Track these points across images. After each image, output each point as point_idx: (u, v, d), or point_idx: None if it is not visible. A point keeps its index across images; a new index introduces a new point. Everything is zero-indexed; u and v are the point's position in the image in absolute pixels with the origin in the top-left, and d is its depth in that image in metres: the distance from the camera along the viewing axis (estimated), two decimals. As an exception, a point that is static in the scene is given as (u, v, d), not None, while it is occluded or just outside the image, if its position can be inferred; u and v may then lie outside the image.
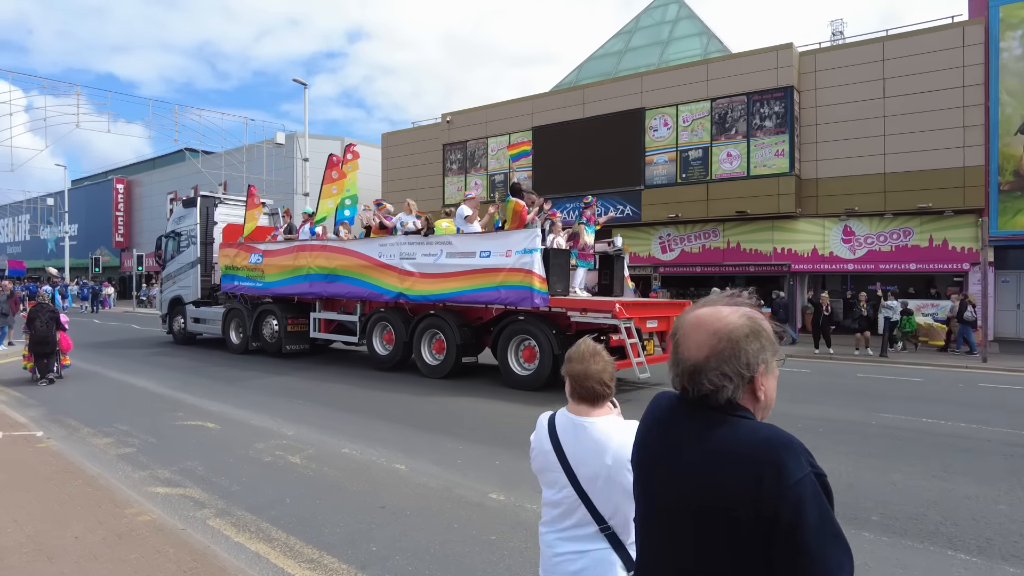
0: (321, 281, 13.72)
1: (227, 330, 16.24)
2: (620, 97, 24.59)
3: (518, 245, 10.42)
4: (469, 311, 11.80)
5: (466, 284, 11.06)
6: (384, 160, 33.56)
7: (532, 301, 10.17)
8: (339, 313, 14.22)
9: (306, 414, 8.66)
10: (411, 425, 8.00)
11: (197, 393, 10.15)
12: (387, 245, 12.49)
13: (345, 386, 11.01)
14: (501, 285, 10.54)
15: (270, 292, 15.19)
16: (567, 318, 10.38)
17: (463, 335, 11.30)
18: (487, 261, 10.81)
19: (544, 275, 10.19)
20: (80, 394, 10.30)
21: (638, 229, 24.75)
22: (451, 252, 11.45)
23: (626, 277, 12.68)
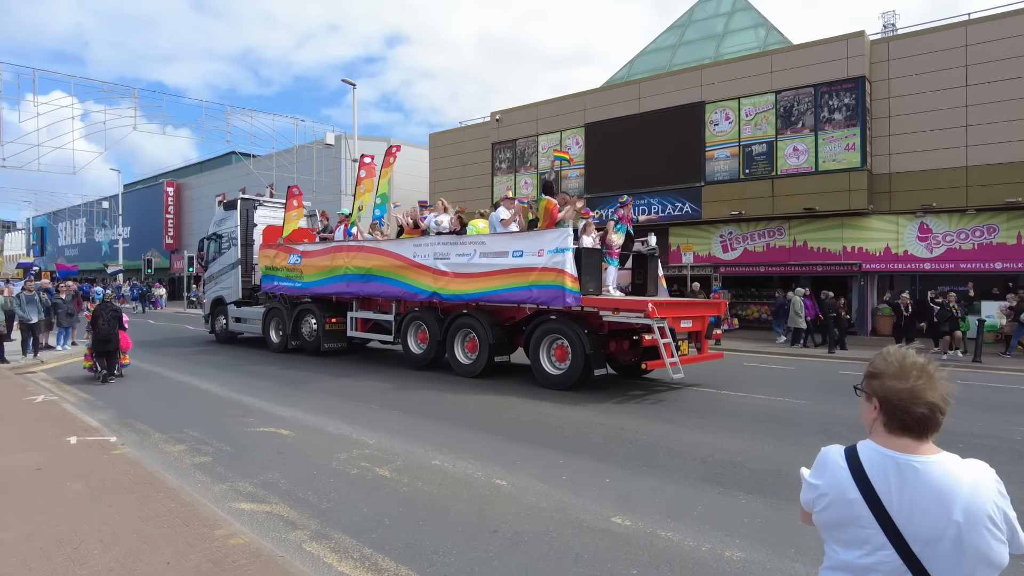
0: (357, 281, 13.82)
1: (267, 329, 16.46)
2: (678, 91, 23.73)
3: (550, 244, 10.30)
4: (502, 310, 11.75)
5: (499, 283, 11.00)
6: (431, 160, 33.26)
7: (564, 300, 10.02)
8: (375, 312, 14.28)
9: (384, 420, 8.17)
10: (500, 434, 7.42)
11: (263, 397, 9.77)
12: (421, 245, 12.54)
13: (416, 390, 10.51)
14: (533, 284, 10.46)
15: (308, 292, 15.33)
16: (599, 318, 10.23)
17: (496, 334, 11.26)
18: (520, 260, 10.72)
19: (576, 274, 10.05)
20: (147, 396, 10.02)
21: (698, 227, 23.86)
22: (484, 252, 11.39)
23: (660, 276, 12.44)
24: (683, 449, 6.70)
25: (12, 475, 5.64)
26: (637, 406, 9.10)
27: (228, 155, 58.22)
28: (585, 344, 9.90)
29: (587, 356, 9.89)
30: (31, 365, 13.67)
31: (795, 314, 17.34)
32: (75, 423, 7.66)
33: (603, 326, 10.38)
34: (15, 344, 14.72)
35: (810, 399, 9.79)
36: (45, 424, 7.59)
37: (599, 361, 10.20)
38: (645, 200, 24.30)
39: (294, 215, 16.80)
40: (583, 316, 10.48)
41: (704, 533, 4.52)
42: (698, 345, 11.18)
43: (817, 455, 1.81)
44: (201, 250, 19.39)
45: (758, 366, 14.35)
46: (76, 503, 4.96)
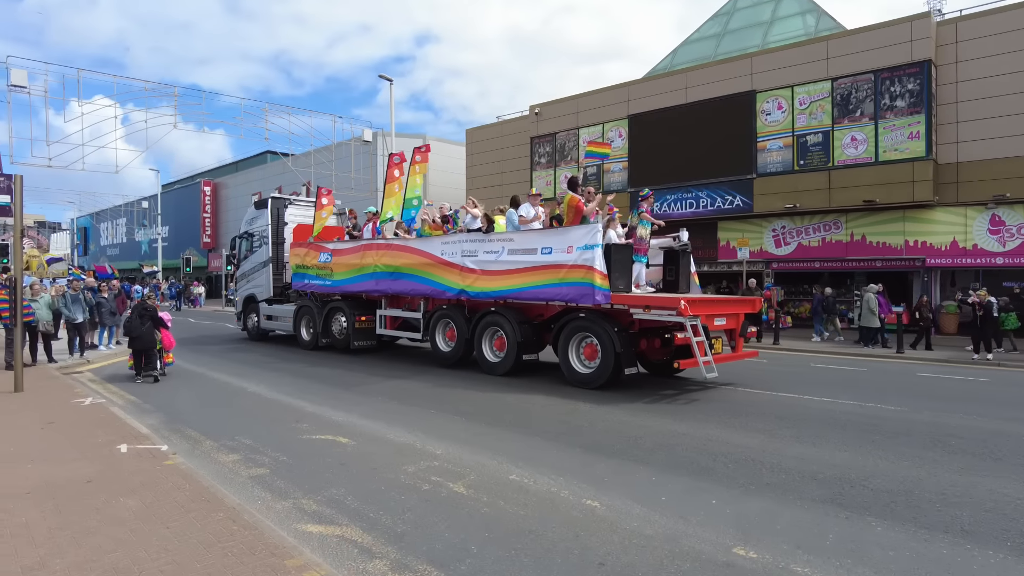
0: (387, 279, 13.79)
1: (298, 327, 16.49)
2: (727, 80, 22.82)
3: (579, 241, 10.08)
4: (529, 308, 11.59)
5: (527, 281, 10.83)
6: (468, 156, 32.79)
7: (593, 298, 9.79)
8: (404, 310, 14.23)
9: (446, 427, 7.63)
10: (577, 445, 6.81)
11: (315, 400, 9.31)
12: (449, 243, 12.47)
13: (472, 392, 9.97)
14: (562, 282, 10.25)
15: (338, 290, 15.36)
16: (629, 315, 10.01)
17: (523, 332, 11.13)
18: (548, 258, 10.54)
19: (606, 271, 9.82)
20: (194, 399, 9.65)
21: (748, 221, 22.95)
22: (512, 249, 11.21)
23: (693, 273, 12.04)
24: (787, 464, 6.02)
25: (63, 489, 5.22)
26: (721, 414, 8.41)
27: (263, 154, 58.62)
28: (615, 342, 9.64)
29: (617, 355, 9.65)
30: (78, 365, 13.48)
31: (869, 312, 16.37)
32: (124, 429, 7.27)
33: (633, 324, 10.11)
34: (62, 343, 14.59)
35: (905, 405, 8.99)
36: (94, 430, 7.22)
37: (630, 360, 9.94)
38: (693, 193, 23.49)
39: (324, 214, 16.88)
40: (613, 314, 10.24)
41: (847, 570, 3.86)
42: (732, 343, 10.90)
43: None
44: (233, 248, 19.49)
45: (826, 367, 13.50)
46: (131, 523, 4.49)
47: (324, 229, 16.82)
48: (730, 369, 11.53)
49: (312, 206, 17.82)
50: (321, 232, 16.68)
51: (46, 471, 5.70)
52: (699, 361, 9.17)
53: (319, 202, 17.00)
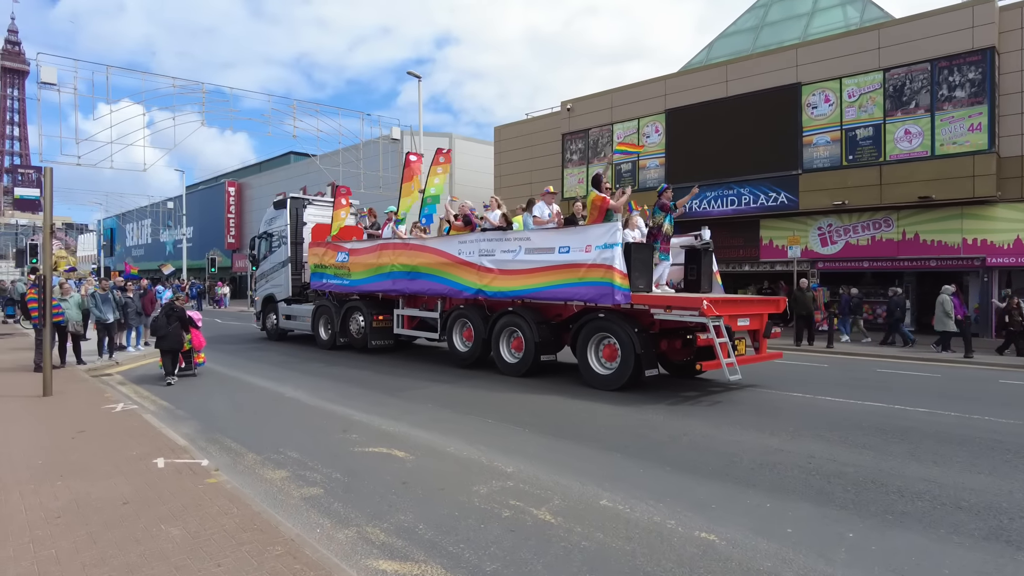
0: (404, 278, 13.69)
1: (316, 326, 16.47)
2: (771, 72, 21.91)
3: (598, 240, 9.91)
4: (547, 308, 11.41)
5: (545, 280, 10.68)
6: (496, 154, 32.12)
7: (613, 298, 9.61)
8: (421, 310, 14.13)
9: (510, 439, 6.92)
10: (667, 464, 6.05)
11: (360, 407, 8.66)
12: (466, 242, 12.30)
13: (528, 398, 9.28)
14: (580, 281, 10.09)
15: (356, 289, 15.31)
16: (650, 316, 9.76)
17: (541, 332, 10.99)
18: (566, 257, 10.38)
19: (625, 271, 9.64)
20: (230, 405, 9.05)
21: (792, 219, 21.99)
22: (530, 248, 11.05)
23: (715, 272, 11.79)
24: (916, 488, 5.23)
25: (98, 512, 4.60)
26: (811, 426, 7.63)
27: (287, 155, 58.59)
28: (635, 343, 9.41)
29: (637, 356, 9.41)
30: (107, 367, 13.00)
31: (944, 315, 15.34)
32: (159, 439, 6.66)
33: (654, 324, 9.88)
34: (90, 344, 14.15)
35: (1014, 417, 8.12)
36: (128, 440, 6.62)
37: (650, 361, 9.64)
38: (734, 190, 22.60)
39: (342, 213, 16.82)
40: (633, 314, 9.97)
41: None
42: (756, 344, 10.63)
43: None
44: (253, 248, 19.44)
45: (894, 372, 12.59)
46: (176, 558, 3.84)
47: (342, 229, 16.74)
48: (805, 375, 10.75)
49: (330, 206, 17.86)
50: (339, 232, 16.62)
51: (78, 489, 5.08)
52: (722, 363, 8.90)
53: (337, 202, 16.93)
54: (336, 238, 16.45)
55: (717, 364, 8.97)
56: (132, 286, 15.38)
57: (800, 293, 17.81)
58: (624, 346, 9.64)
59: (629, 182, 24.84)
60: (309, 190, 39.90)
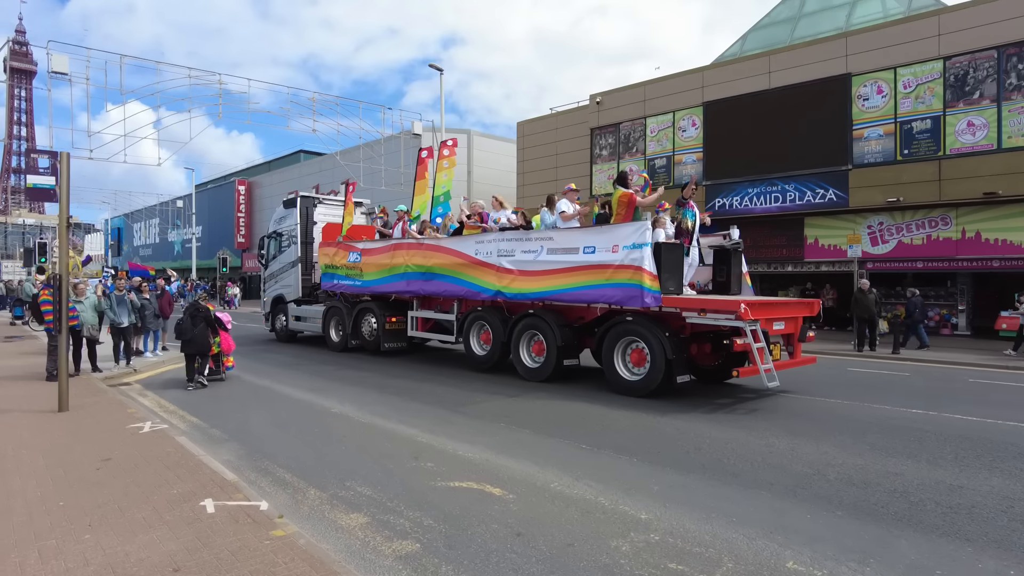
0: (418, 279, 13.28)
1: (327, 328, 16.08)
2: (818, 63, 20.73)
3: (626, 239, 9.44)
4: (569, 310, 11.00)
5: (568, 282, 10.25)
6: (519, 151, 31.00)
7: (642, 300, 9.14)
8: (436, 311, 13.72)
9: (618, 470, 5.78)
10: (839, 507, 4.94)
11: (422, 425, 7.57)
12: (484, 242, 11.89)
13: (604, 410, 8.17)
14: (607, 283, 9.65)
15: (368, 290, 14.91)
16: (681, 319, 9.30)
17: (564, 336, 10.52)
18: (591, 257, 9.94)
19: (655, 272, 9.16)
20: (269, 422, 7.96)
21: (840, 217, 20.81)
22: (552, 248, 10.63)
23: (744, 273, 11.32)
24: None
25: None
26: (907, 443, 6.50)
27: (296, 153, 57.72)
28: (666, 348, 8.93)
29: (668, 361, 8.92)
30: (124, 374, 11.94)
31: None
32: (201, 471, 5.56)
33: (685, 328, 9.44)
34: (105, 348, 13.09)
35: None
36: (164, 472, 5.52)
37: (682, 367, 9.16)
38: (778, 186, 21.44)
39: (354, 212, 16.45)
40: (662, 317, 9.53)
41: None
42: (790, 348, 10.16)
43: None
44: (262, 248, 18.99)
45: (987, 382, 11.43)
46: (263, 669, 2.73)
47: (353, 228, 16.33)
48: (892, 384, 9.59)
49: (341, 205, 17.54)
50: (350, 231, 16.18)
51: (113, 548, 3.99)
52: (760, 369, 8.50)
53: (348, 200, 16.47)
54: (347, 237, 15.94)
55: (755, 370, 8.57)
56: (148, 287, 14.32)
57: (861, 295, 16.65)
58: (654, 351, 9.15)
59: (664, 179, 23.77)
60: (322, 188, 38.91)
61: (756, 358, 8.52)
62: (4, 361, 13.19)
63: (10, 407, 8.46)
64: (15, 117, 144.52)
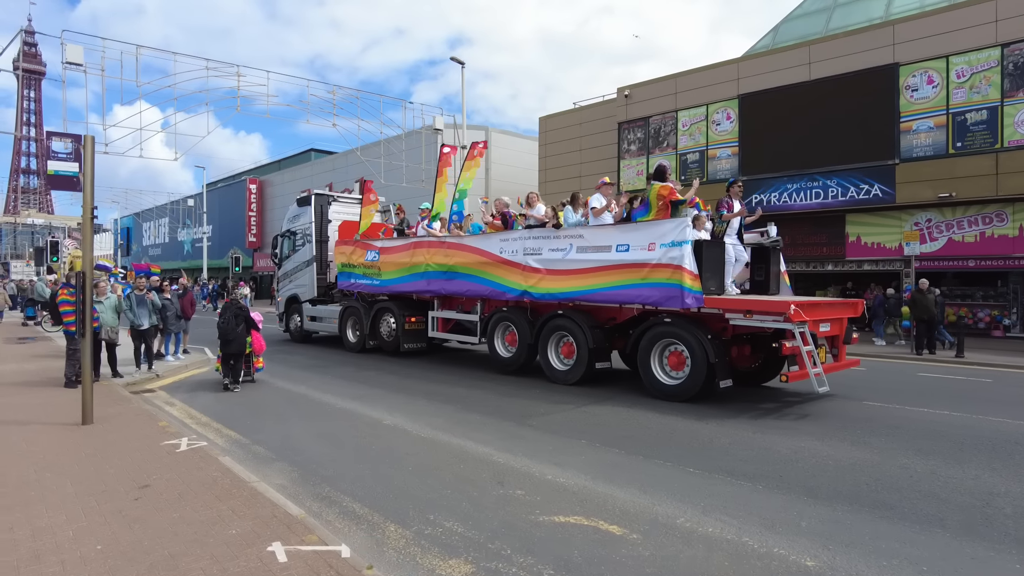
0: (439, 278, 12.95)
1: (344, 328, 15.73)
2: (862, 53, 19.79)
3: (664, 237, 9.05)
4: (600, 311, 10.61)
5: (600, 281, 9.87)
6: (541, 147, 30.15)
7: (682, 301, 8.75)
8: (458, 312, 13.33)
9: (753, 502, 4.90)
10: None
11: (491, 441, 6.71)
12: (509, 240, 11.56)
13: (696, 424, 7.30)
14: (643, 282, 9.25)
15: (387, 290, 14.56)
16: (722, 320, 8.90)
17: (595, 338, 10.12)
18: (625, 256, 9.56)
19: (697, 271, 8.77)
20: (319, 437, 7.11)
21: (884, 214, 19.87)
22: (582, 246, 10.25)
23: (783, 272, 10.90)
24: None
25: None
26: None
27: (307, 152, 57.07)
28: (708, 351, 8.54)
29: (711, 365, 8.54)
30: (146, 380, 11.14)
31: None
32: (259, 502, 4.72)
33: (726, 330, 9.07)
34: (124, 351, 12.29)
35: None
36: (215, 504, 4.69)
37: (724, 371, 8.71)
38: (819, 182, 20.52)
39: (372, 210, 16.02)
40: (702, 318, 9.10)
41: None
42: (834, 351, 9.68)
43: None
44: (275, 247, 18.63)
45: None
46: None
47: (371, 226, 15.96)
48: (1001, 393, 8.70)
49: (356, 203, 17.26)
50: (368, 229, 15.83)
51: (170, 612, 3.15)
52: (810, 373, 8.10)
53: (366, 198, 16.00)
54: (365, 236, 15.60)
55: (804, 374, 8.16)
56: (169, 286, 13.54)
57: (920, 295, 15.72)
58: (694, 354, 8.74)
59: (697, 174, 22.89)
60: (336, 187, 38.12)
61: (806, 362, 8.08)
62: (19, 365, 12.43)
63: (28, 418, 7.67)
64: (24, 118, 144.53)
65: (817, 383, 8.20)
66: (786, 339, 8.19)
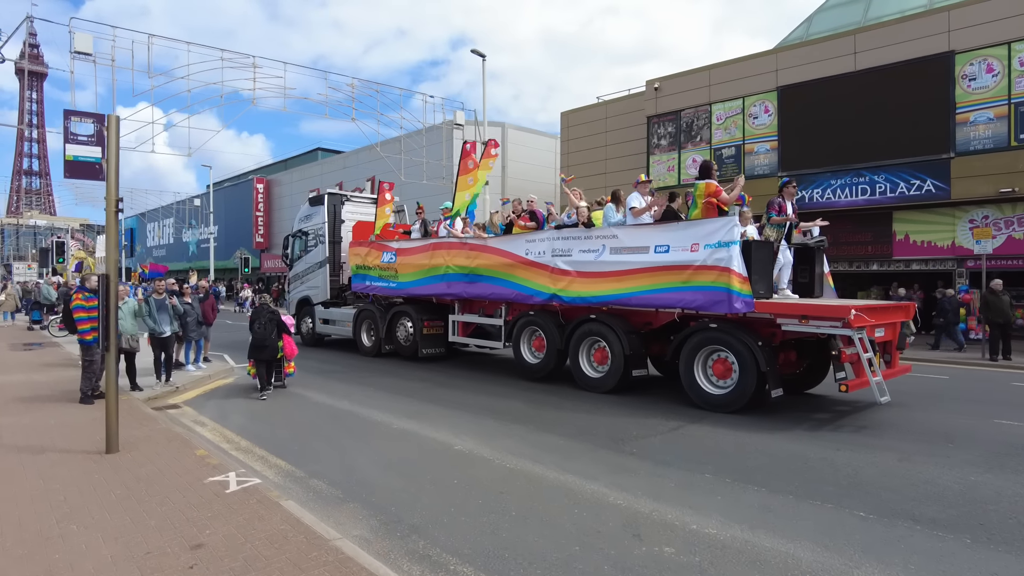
0: (460, 281, 12.48)
1: (358, 332, 15.23)
2: (913, 41, 18.72)
3: (709, 237, 8.52)
4: (635, 315, 10.11)
5: (637, 284, 9.37)
6: (563, 143, 29.09)
7: (730, 305, 8.25)
8: (479, 316, 12.87)
9: (980, 564, 3.89)
10: None
11: (594, 475, 5.65)
12: (536, 241, 11.09)
13: (825, 450, 6.24)
14: (684, 286, 8.77)
15: (404, 292, 14.15)
16: (771, 326, 8.46)
17: (632, 343, 9.63)
18: (665, 257, 9.06)
19: (746, 274, 8.29)
20: (386, 466, 6.06)
21: (935, 211, 18.80)
22: (617, 247, 9.75)
23: (826, 273, 10.49)
24: None
25: None
26: None
27: (313, 151, 56.09)
28: (759, 359, 8.07)
29: (762, 374, 8.09)
30: (167, 394, 10.11)
31: None
32: (350, 572, 3.67)
33: (775, 335, 8.58)
34: (141, 359, 11.25)
35: None
36: (295, 574, 3.63)
37: (776, 379, 8.28)
38: (866, 178, 19.46)
39: (387, 210, 15.60)
40: (750, 324, 8.60)
41: None
42: (887, 357, 9.16)
43: None
44: (286, 248, 18.16)
45: None
46: None
47: (386, 227, 15.55)
48: None
49: (370, 203, 16.98)
50: (383, 230, 15.40)
51: None
52: (871, 381, 7.62)
53: (381, 197, 15.52)
54: (381, 236, 15.18)
55: (865, 382, 7.67)
56: (189, 289, 12.50)
57: (993, 297, 14.64)
58: (743, 362, 8.28)
59: (734, 169, 21.86)
60: (346, 186, 37.09)
61: (866, 369, 7.64)
62: (27, 375, 11.40)
63: (43, 443, 6.63)
64: (27, 119, 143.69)
65: (878, 392, 7.70)
66: (844, 346, 7.70)
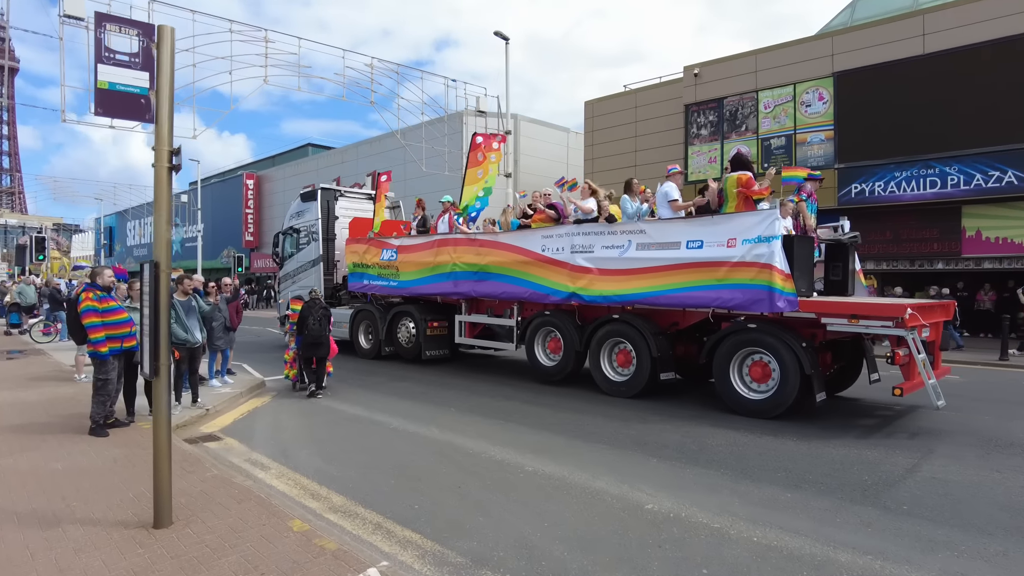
0: (468, 279, 11.95)
1: (355, 333, 14.71)
2: (993, 20, 17.25)
3: (747, 232, 8.04)
4: (661, 315, 9.66)
5: (666, 282, 8.84)
6: (588, 134, 27.35)
7: (771, 304, 7.77)
8: (488, 316, 12.40)
9: None
10: None
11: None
12: (552, 236, 10.56)
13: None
14: (719, 284, 8.27)
15: (406, 292, 13.58)
16: (814, 325, 8.11)
17: (659, 345, 9.15)
18: (698, 253, 8.53)
19: (788, 270, 7.80)
20: (538, 526, 4.22)
21: (1007, 204, 17.34)
22: (644, 243, 9.20)
23: (858, 271, 10.09)
24: None
25: None
26: None
27: (304, 147, 54.11)
28: (803, 361, 7.70)
29: (806, 376, 7.73)
30: (197, 420, 8.10)
31: None
32: None
33: (816, 336, 8.25)
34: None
35: None
36: None
37: (820, 383, 7.92)
38: (935, 169, 17.95)
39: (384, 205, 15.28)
40: (791, 324, 8.20)
41: None
42: (931, 357, 8.49)
43: None
44: (276, 246, 17.39)
45: None
46: None
47: (384, 223, 15.04)
48: None
49: (365, 199, 16.64)
50: (382, 226, 14.85)
51: None
52: (927, 384, 7.40)
53: (380, 192, 14.97)
54: (380, 233, 14.60)
55: (919, 384, 7.45)
56: (215, 289, 10.51)
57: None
58: (784, 365, 7.87)
59: (783, 160, 20.27)
60: (344, 182, 35.10)
61: (921, 371, 7.40)
62: (14, 393, 9.29)
63: (55, 508, 4.65)
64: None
65: (935, 396, 7.44)
66: (894, 346, 7.44)
